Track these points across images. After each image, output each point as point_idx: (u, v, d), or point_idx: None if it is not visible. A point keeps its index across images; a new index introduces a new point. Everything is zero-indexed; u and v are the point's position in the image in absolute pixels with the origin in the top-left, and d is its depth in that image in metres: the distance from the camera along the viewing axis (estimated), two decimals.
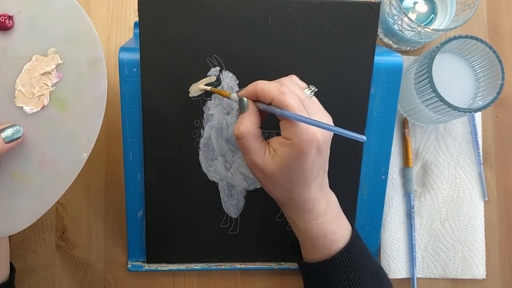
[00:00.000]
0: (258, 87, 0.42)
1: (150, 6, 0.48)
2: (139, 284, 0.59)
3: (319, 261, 0.45)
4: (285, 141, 0.41)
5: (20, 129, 0.41)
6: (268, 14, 0.49)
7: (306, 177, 0.42)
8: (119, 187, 0.59)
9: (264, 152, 0.43)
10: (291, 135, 0.40)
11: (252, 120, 0.42)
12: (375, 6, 0.49)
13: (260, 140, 0.43)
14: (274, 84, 0.42)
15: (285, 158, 0.41)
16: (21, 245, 0.59)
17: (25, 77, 0.42)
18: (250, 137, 0.42)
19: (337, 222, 0.46)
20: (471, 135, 0.62)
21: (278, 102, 0.40)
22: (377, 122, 0.55)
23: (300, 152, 0.40)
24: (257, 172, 0.44)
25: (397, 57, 0.53)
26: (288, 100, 0.40)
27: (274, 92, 0.41)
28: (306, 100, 0.42)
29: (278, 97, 0.40)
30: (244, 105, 0.43)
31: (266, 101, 0.42)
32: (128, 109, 0.52)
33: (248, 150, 0.43)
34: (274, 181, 0.43)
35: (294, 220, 0.46)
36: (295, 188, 0.43)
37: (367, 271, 0.45)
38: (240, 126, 0.42)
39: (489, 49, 0.52)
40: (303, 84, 0.45)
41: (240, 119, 0.43)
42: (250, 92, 0.43)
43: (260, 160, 0.42)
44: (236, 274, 0.60)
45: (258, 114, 0.43)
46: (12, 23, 0.41)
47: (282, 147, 0.41)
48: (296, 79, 0.45)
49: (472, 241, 0.61)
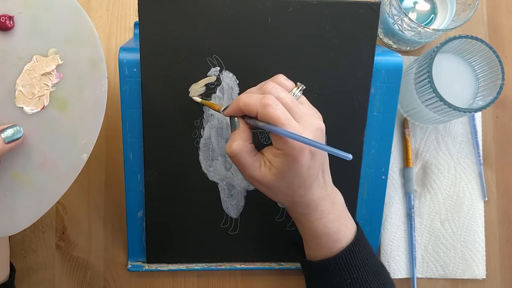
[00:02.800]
0: (240, 103, 0.41)
1: (150, 6, 0.48)
2: (139, 284, 0.59)
3: (322, 259, 0.46)
4: (277, 151, 0.41)
5: (21, 130, 0.41)
6: (268, 14, 0.49)
7: (305, 180, 0.42)
8: (119, 187, 0.59)
9: (259, 165, 0.43)
10: (282, 146, 0.40)
11: (243, 137, 0.42)
12: (375, 6, 0.49)
13: (254, 154, 0.43)
14: (256, 96, 0.41)
15: (280, 168, 0.41)
16: (21, 245, 0.59)
17: (25, 77, 0.42)
18: (242, 154, 0.42)
19: (342, 221, 0.46)
20: (471, 135, 0.62)
21: (263, 116, 0.40)
22: (377, 122, 0.55)
23: (294, 161, 0.40)
24: (257, 184, 0.44)
25: (397, 57, 0.53)
26: (272, 112, 0.39)
27: (257, 105, 0.40)
28: (293, 103, 0.41)
29: (262, 110, 0.40)
30: (234, 124, 0.43)
31: (251, 115, 0.41)
32: (128, 109, 0.52)
33: (243, 166, 0.43)
34: (275, 190, 0.43)
35: (299, 219, 0.46)
36: (296, 192, 0.43)
37: (370, 270, 0.45)
38: (232, 145, 0.42)
39: (489, 49, 0.52)
40: (290, 84, 0.44)
41: (231, 137, 0.43)
42: (234, 109, 0.42)
43: (257, 173, 0.42)
44: (236, 274, 0.60)
45: (248, 130, 0.43)
46: (12, 23, 0.41)
47: (275, 157, 0.41)
48: (282, 79, 0.44)
49: (472, 241, 0.61)
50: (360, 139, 0.53)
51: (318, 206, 0.44)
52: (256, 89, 0.43)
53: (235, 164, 0.44)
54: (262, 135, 0.51)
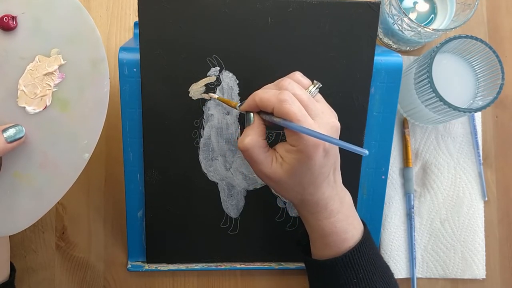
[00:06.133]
0: (257, 98, 0.42)
1: (150, 6, 0.48)
2: (139, 284, 0.59)
3: (329, 258, 0.45)
4: (291, 148, 0.41)
5: (22, 129, 0.41)
6: (268, 14, 0.49)
7: (316, 178, 0.42)
8: (119, 187, 0.59)
9: (271, 160, 0.43)
10: (296, 142, 0.40)
11: (256, 132, 0.42)
12: (375, 6, 0.49)
13: (266, 150, 0.43)
14: (273, 92, 0.41)
15: (292, 165, 0.41)
16: (21, 245, 0.59)
17: (27, 77, 0.42)
18: (254, 149, 0.42)
19: (349, 221, 0.46)
20: (471, 135, 0.62)
21: (279, 111, 0.40)
22: (377, 122, 0.55)
23: (307, 157, 0.40)
24: (267, 180, 0.44)
25: (397, 57, 0.53)
26: (288, 108, 0.39)
27: (273, 101, 0.40)
28: (309, 101, 0.42)
29: (278, 105, 0.40)
30: (249, 119, 0.43)
31: (267, 110, 0.42)
32: (128, 109, 0.52)
33: (255, 161, 0.43)
34: (285, 186, 0.43)
35: (307, 218, 0.46)
36: (306, 190, 0.43)
37: (376, 271, 0.45)
38: (244, 139, 0.42)
39: (489, 49, 0.53)
40: (307, 81, 0.44)
41: (244, 132, 0.43)
42: (251, 104, 0.43)
43: (268, 169, 0.43)
44: (236, 274, 0.60)
45: (263, 125, 0.43)
46: (15, 23, 0.41)
47: (288, 154, 0.41)
48: (299, 76, 0.44)
49: (472, 241, 0.61)
50: (360, 139, 0.53)
51: (327, 205, 0.44)
52: (273, 86, 0.43)
53: (246, 159, 0.44)
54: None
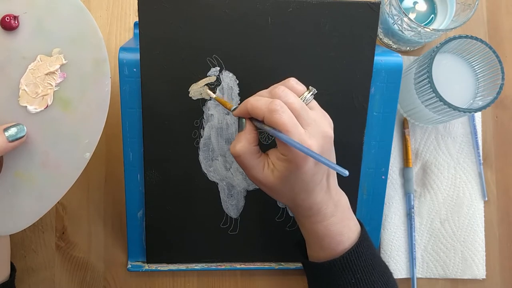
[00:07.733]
0: (248, 105, 0.41)
1: (150, 6, 0.48)
2: (139, 284, 0.59)
3: (325, 260, 0.45)
4: (282, 156, 0.41)
5: (24, 128, 0.41)
6: (268, 14, 0.49)
7: (307, 185, 0.42)
8: (119, 187, 0.59)
9: (263, 166, 0.43)
10: (286, 152, 0.40)
11: (248, 139, 0.42)
12: (375, 6, 0.49)
13: (258, 156, 0.43)
14: (265, 100, 0.41)
15: (283, 172, 0.41)
16: (21, 245, 0.59)
17: (29, 76, 0.42)
18: (246, 155, 0.42)
19: (345, 223, 0.45)
20: (471, 135, 0.62)
21: (269, 121, 0.40)
22: (377, 122, 0.55)
23: (297, 167, 0.40)
24: (259, 184, 0.44)
25: (397, 57, 0.53)
26: (277, 118, 0.39)
27: (264, 110, 0.40)
28: (302, 109, 0.41)
29: (268, 115, 0.39)
30: (242, 124, 0.43)
31: (258, 118, 0.41)
32: (128, 109, 0.52)
33: (247, 166, 0.43)
34: (277, 191, 0.43)
35: (301, 221, 0.46)
36: (298, 196, 0.43)
37: (374, 271, 0.45)
38: (236, 146, 0.42)
39: (489, 49, 0.53)
40: (302, 87, 0.43)
41: (237, 137, 0.43)
42: (243, 111, 0.42)
43: (260, 175, 0.42)
44: (236, 274, 0.60)
45: (255, 132, 0.43)
46: (17, 23, 0.41)
47: (279, 161, 0.41)
48: (293, 83, 0.43)
49: (472, 241, 0.61)
50: (360, 139, 0.53)
51: (320, 210, 0.44)
52: (266, 92, 0.43)
53: (239, 164, 0.44)
54: (262, 135, 0.51)
